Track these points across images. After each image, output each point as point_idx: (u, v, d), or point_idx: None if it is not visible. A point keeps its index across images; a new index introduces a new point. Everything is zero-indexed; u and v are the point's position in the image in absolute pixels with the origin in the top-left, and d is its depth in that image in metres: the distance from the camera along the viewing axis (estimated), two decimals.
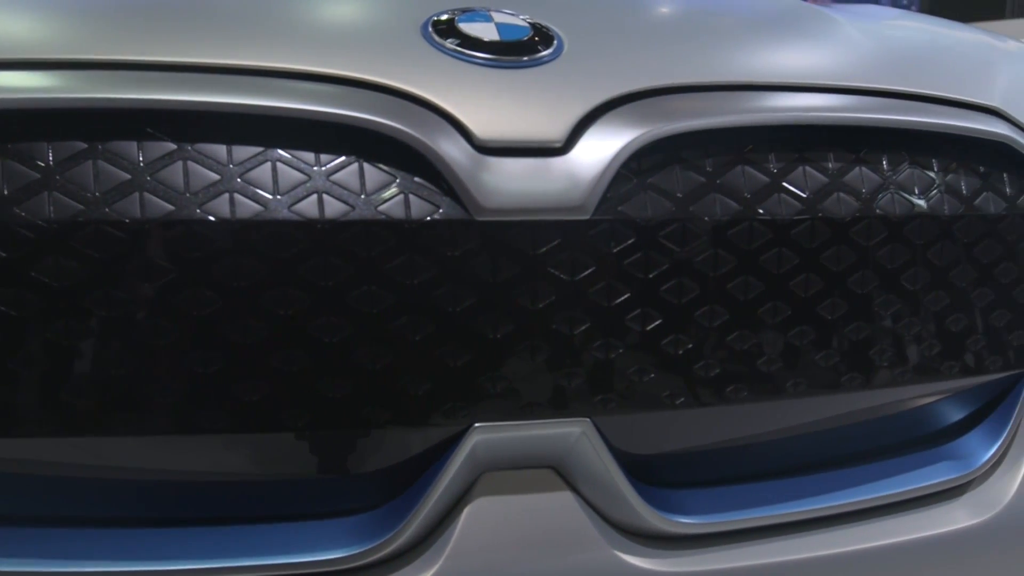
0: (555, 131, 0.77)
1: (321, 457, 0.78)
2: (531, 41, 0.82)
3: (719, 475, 0.89)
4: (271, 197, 0.71)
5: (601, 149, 0.77)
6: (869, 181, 0.87)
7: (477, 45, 0.80)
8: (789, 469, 0.91)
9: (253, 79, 0.74)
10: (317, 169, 0.73)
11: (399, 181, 0.74)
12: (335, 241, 0.71)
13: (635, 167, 0.79)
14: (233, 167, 0.71)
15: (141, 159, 0.70)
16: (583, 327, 0.77)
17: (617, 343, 0.78)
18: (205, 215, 0.70)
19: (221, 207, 0.70)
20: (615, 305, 0.78)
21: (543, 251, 0.75)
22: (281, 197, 0.71)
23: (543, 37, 0.83)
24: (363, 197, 0.73)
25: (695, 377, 0.82)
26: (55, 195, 0.68)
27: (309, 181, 0.72)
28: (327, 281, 0.72)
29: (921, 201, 0.89)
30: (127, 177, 0.69)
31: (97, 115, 0.70)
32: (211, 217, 0.70)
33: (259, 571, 0.73)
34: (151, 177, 0.70)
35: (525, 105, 0.77)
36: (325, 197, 0.72)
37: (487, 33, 0.81)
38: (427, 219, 0.73)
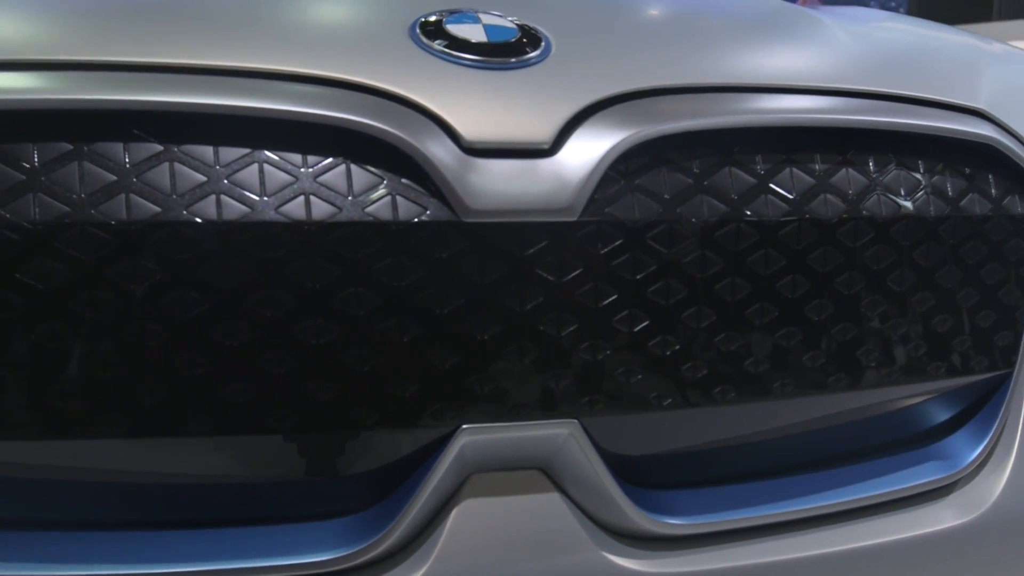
0: (543, 133, 0.77)
1: (309, 459, 0.77)
2: (519, 43, 0.82)
3: (707, 476, 0.89)
4: (258, 199, 0.71)
5: (589, 151, 0.77)
6: (856, 182, 0.88)
7: (465, 46, 0.80)
8: (777, 469, 0.92)
9: (240, 80, 0.74)
10: (304, 170, 0.73)
11: (386, 183, 0.74)
12: (322, 243, 0.71)
13: (623, 169, 0.79)
14: (220, 168, 0.71)
15: (127, 160, 0.70)
16: (571, 328, 0.77)
17: (605, 344, 0.78)
18: (192, 217, 0.70)
19: (208, 209, 0.70)
20: (603, 306, 0.78)
21: (530, 253, 0.75)
22: (268, 199, 0.71)
23: (531, 39, 0.83)
24: (350, 199, 0.73)
25: (682, 378, 0.82)
26: (40, 196, 0.68)
27: (296, 182, 0.72)
28: (314, 283, 0.72)
29: (907, 202, 0.90)
30: (113, 178, 0.69)
31: (83, 116, 0.70)
32: (198, 219, 0.70)
33: (248, 574, 0.73)
34: (137, 178, 0.70)
35: (512, 107, 0.77)
36: (312, 199, 0.72)
37: (475, 34, 0.81)
38: (414, 221, 0.73)
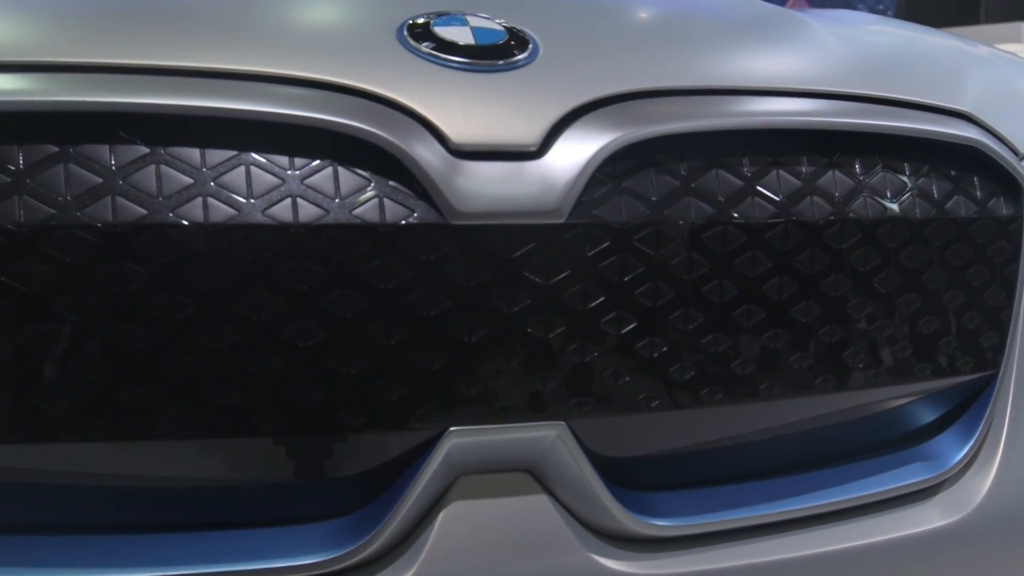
0: (530, 135, 0.77)
1: (296, 462, 0.77)
2: (506, 45, 0.82)
3: (694, 477, 0.89)
4: (245, 201, 0.71)
5: (576, 153, 0.77)
6: (842, 185, 0.88)
7: (452, 49, 0.80)
8: (764, 471, 0.92)
9: (227, 82, 0.73)
10: (291, 173, 0.72)
11: (374, 185, 0.74)
12: (309, 245, 0.71)
13: (610, 171, 0.79)
14: (206, 171, 0.71)
15: (113, 163, 0.70)
16: (558, 331, 0.77)
17: (592, 346, 0.79)
18: (178, 219, 0.69)
19: (194, 211, 0.70)
20: (590, 308, 0.78)
21: (518, 255, 0.75)
22: (255, 201, 0.71)
23: (518, 41, 0.83)
24: (337, 201, 0.72)
25: (670, 380, 0.82)
26: (25, 199, 0.68)
27: (283, 185, 0.72)
28: (301, 285, 0.71)
29: (893, 205, 0.90)
30: (99, 181, 0.69)
31: (69, 118, 0.70)
32: (184, 221, 0.69)
33: None
34: (123, 181, 0.69)
35: (500, 109, 0.77)
36: (299, 201, 0.72)
37: (462, 37, 0.81)
38: (402, 223, 0.73)
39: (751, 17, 1.10)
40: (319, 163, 0.73)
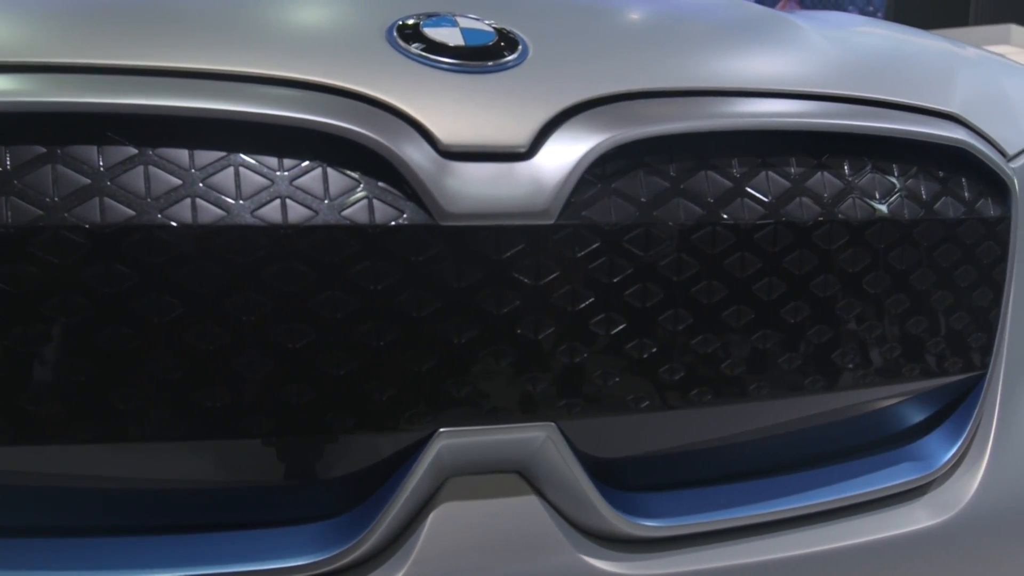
0: (519, 136, 0.77)
1: (286, 463, 0.77)
2: (496, 46, 0.82)
3: (684, 478, 0.89)
4: (234, 202, 0.71)
5: (565, 154, 0.77)
6: (831, 186, 0.88)
7: (442, 50, 0.80)
8: (754, 471, 0.92)
9: (216, 83, 0.73)
10: (280, 174, 0.72)
11: (363, 186, 0.74)
12: (298, 246, 0.71)
13: (599, 172, 0.79)
14: (195, 172, 0.71)
15: (101, 164, 0.69)
16: (547, 332, 0.77)
17: (582, 347, 0.79)
18: (166, 220, 0.69)
19: (183, 212, 0.70)
20: (579, 309, 0.78)
21: (507, 256, 0.75)
22: (244, 202, 0.71)
23: (508, 42, 0.83)
24: (327, 202, 0.72)
25: (659, 381, 0.82)
26: (13, 200, 0.67)
27: (272, 186, 0.72)
28: (290, 286, 0.71)
29: (882, 206, 0.90)
30: (87, 182, 0.69)
31: (56, 119, 0.70)
32: (172, 222, 0.69)
33: None
34: (111, 182, 0.69)
35: (489, 110, 0.77)
36: (288, 202, 0.72)
37: (452, 38, 0.81)
38: (391, 224, 0.73)
39: (740, 19, 1.10)
40: (308, 164, 0.73)
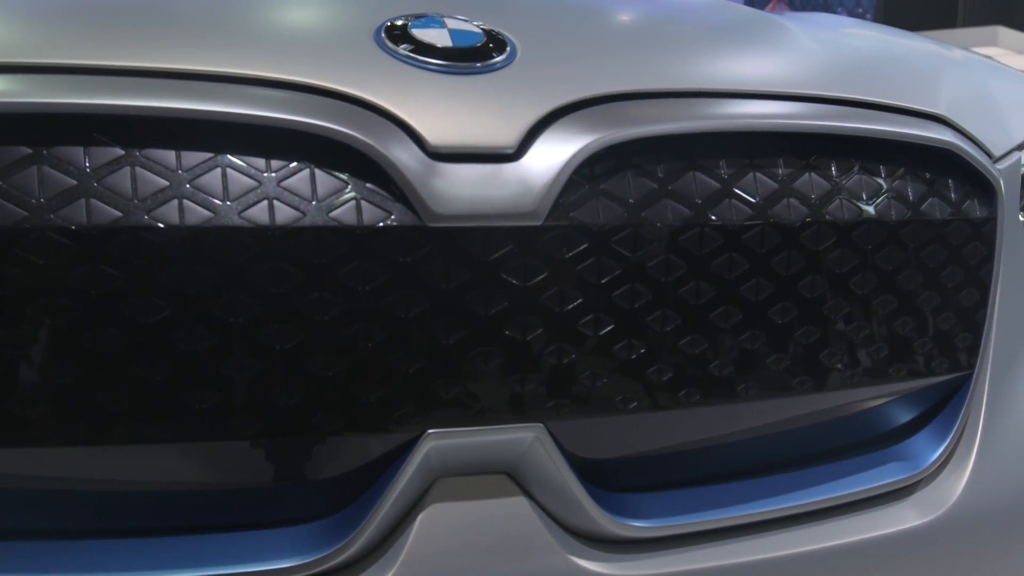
0: (507, 137, 0.77)
1: (274, 465, 0.77)
2: (484, 47, 0.82)
3: (672, 478, 0.89)
4: (221, 203, 0.70)
5: (553, 155, 0.77)
6: (819, 187, 0.89)
7: (430, 51, 0.80)
8: (742, 472, 0.92)
9: (204, 84, 0.73)
10: (268, 175, 0.72)
11: (351, 187, 0.73)
12: (286, 247, 0.71)
13: (587, 173, 0.79)
14: (182, 173, 0.71)
15: (88, 165, 0.69)
16: (536, 333, 0.77)
17: (570, 348, 0.79)
18: (153, 221, 0.69)
19: (170, 213, 0.69)
20: (568, 311, 0.78)
21: (495, 257, 0.75)
22: (231, 203, 0.71)
23: (496, 43, 0.83)
24: (315, 203, 0.72)
25: (648, 381, 0.82)
26: None
27: (260, 187, 0.72)
28: (278, 288, 0.71)
29: (869, 207, 0.91)
30: (73, 183, 0.68)
31: (42, 120, 0.69)
32: (160, 224, 0.69)
33: None
34: (98, 183, 0.69)
35: (477, 111, 0.77)
36: (276, 203, 0.71)
37: (440, 39, 0.81)
38: (379, 225, 0.73)
39: (729, 20, 1.10)
40: (296, 165, 0.73)
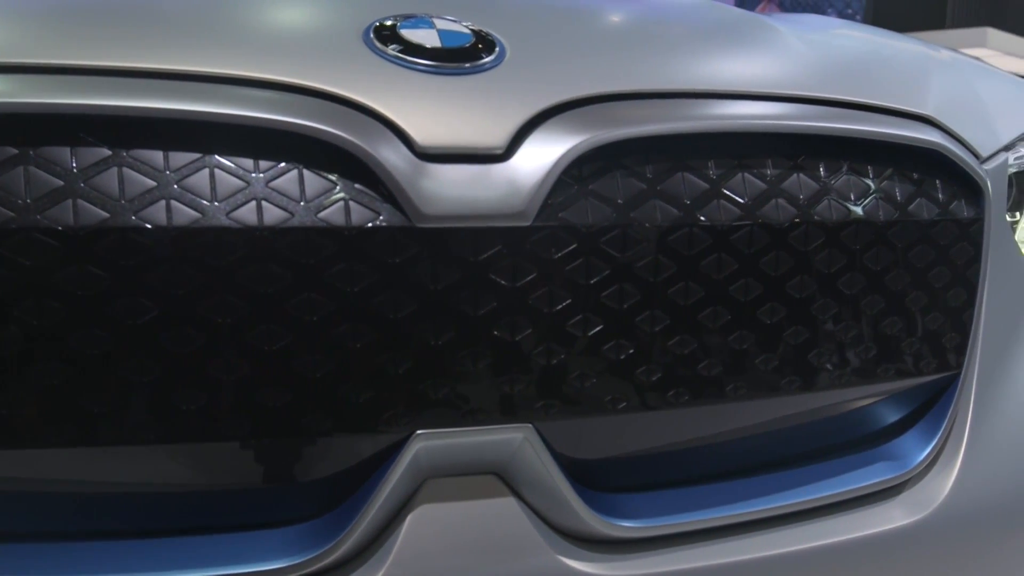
0: (496, 138, 0.77)
1: (262, 466, 0.77)
2: (473, 48, 0.82)
3: (661, 478, 0.89)
4: (209, 204, 0.70)
5: (542, 156, 0.77)
6: (807, 187, 0.89)
7: (419, 51, 0.80)
8: (731, 471, 0.92)
9: (191, 84, 0.73)
10: (256, 175, 0.72)
11: (339, 188, 0.73)
12: (274, 248, 0.71)
13: (576, 174, 0.79)
14: (170, 173, 0.70)
15: (75, 165, 0.69)
16: (525, 333, 0.77)
17: (559, 349, 0.79)
18: (141, 222, 0.69)
19: (157, 214, 0.69)
20: (557, 311, 0.78)
21: (484, 258, 0.75)
22: (219, 204, 0.71)
23: (485, 44, 0.83)
24: (303, 204, 0.72)
25: (637, 382, 0.82)
26: None
27: (248, 188, 0.71)
28: (266, 288, 0.71)
29: (857, 207, 0.91)
30: (60, 183, 0.68)
31: (29, 120, 0.69)
32: (147, 224, 0.69)
33: None
34: (85, 183, 0.69)
35: (466, 112, 0.77)
36: (264, 204, 0.71)
37: (429, 40, 0.81)
38: (367, 226, 0.73)
39: (719, 21, 1.11)
40: (284, 166, 0.73)
